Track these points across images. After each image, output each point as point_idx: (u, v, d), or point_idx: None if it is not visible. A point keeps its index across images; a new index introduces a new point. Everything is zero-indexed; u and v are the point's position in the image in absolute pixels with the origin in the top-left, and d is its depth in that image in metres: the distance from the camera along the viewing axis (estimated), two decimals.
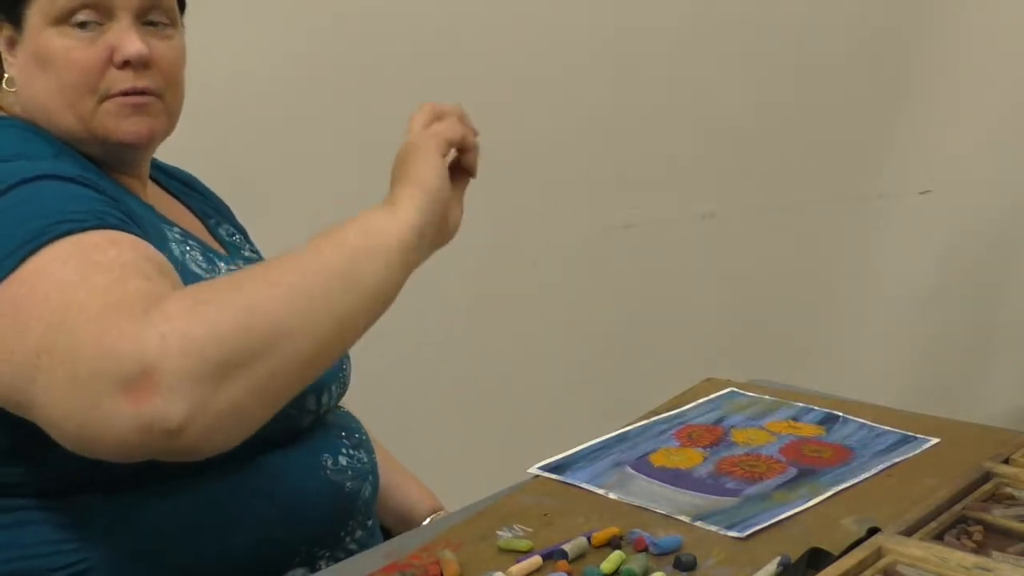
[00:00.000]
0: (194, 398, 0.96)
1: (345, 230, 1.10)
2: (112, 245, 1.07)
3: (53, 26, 1.23)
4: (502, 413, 2.50)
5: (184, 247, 1.26)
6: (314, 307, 1.03)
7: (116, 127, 1.25)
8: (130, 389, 0.95)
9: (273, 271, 1.05)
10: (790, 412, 1.49)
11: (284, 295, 1.02)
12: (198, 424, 0.97)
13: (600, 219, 2.64)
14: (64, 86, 1.23)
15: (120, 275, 1.03)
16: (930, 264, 2.97)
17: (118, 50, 1.23)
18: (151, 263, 1.08)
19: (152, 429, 0.96)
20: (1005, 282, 3.05)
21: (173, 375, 0.95)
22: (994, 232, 3.00)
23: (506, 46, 2.44)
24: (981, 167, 2.94)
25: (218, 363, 0.97)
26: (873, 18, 2.80)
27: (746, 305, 2.79)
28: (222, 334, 0.98)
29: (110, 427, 0.97)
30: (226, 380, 0.98)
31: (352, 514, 1.29)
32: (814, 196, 2.84)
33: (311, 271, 1.05)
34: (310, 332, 1.03)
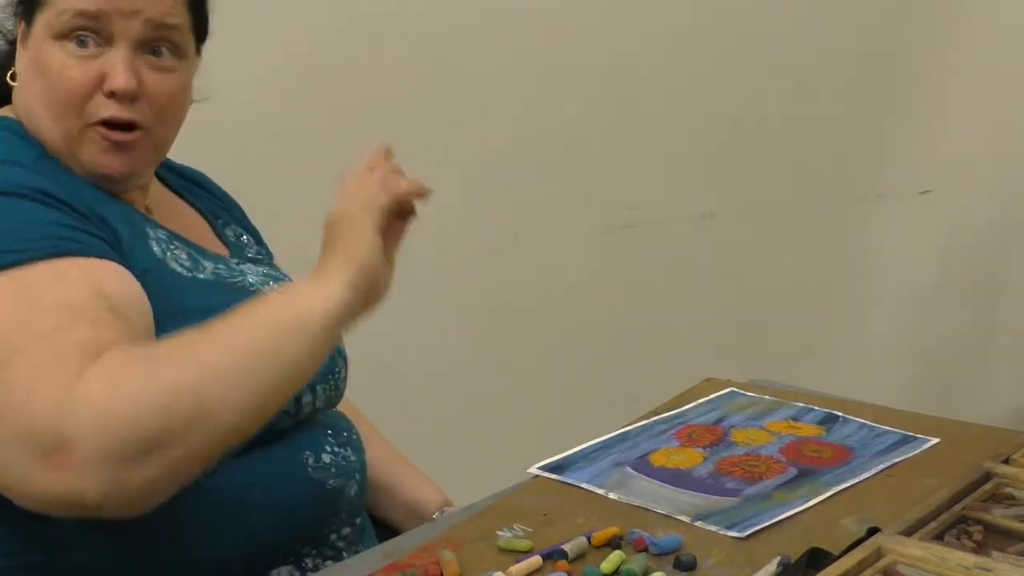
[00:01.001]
0: (108, 477, 0.99)
1: (271, 305, 1.11)
2: (59, 281, 1.08)
3: (54, 39, 1.23)
4: (502, 413, 2.50)
5: (167, 246, 1.26)
6: (234, 386, 1.04)
7: (96, 159, 1.24)
8: (47, 460, 0.98)
9: (197, 347, 1.05)
10: (790, 412, 1.49)
11: (205, 376, 1.03)
12: (112, 500, 1.00)
13: (600, 219, 2.64)
14: (52, 102, 1.23)
15: (63, 320, 1.05)
16: (930, 264, 2.97)
17: (107, 79, 1.22)
18: (101, 298, 1.09)
19: (67, 501, 1.00)
20: (1005, 282, 3.05)
21: (89, 454, 0.98)
22: (994, 232, 3.00)
23: (506, 46, 2.44)
24: (981, 167, 2.94)
25: (135, 444, 0.99)
26: (873, 18, 2.80)
27: (746, 305, 2.79)
28: (140, 417, 1.00)
29: (28, 489, 1.02)
30: (142, 460, 1.00)
31: (336, 511, 1.29)
32: (814, 196, 2.84)
33: (234, 350, 1.05)
34: (229, 411, 1.04)
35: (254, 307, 1.10)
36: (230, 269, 1.32)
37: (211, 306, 1.21)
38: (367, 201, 1.17)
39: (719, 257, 2.77)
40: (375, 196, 1.17)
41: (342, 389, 1.38)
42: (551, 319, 2.59)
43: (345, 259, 1.13)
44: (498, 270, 2.52)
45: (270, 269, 1.41)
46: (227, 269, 1.31)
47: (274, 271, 1.41)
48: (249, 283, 1.32)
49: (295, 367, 1.09)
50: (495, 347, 2.53)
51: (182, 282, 1.23)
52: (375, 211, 1.16)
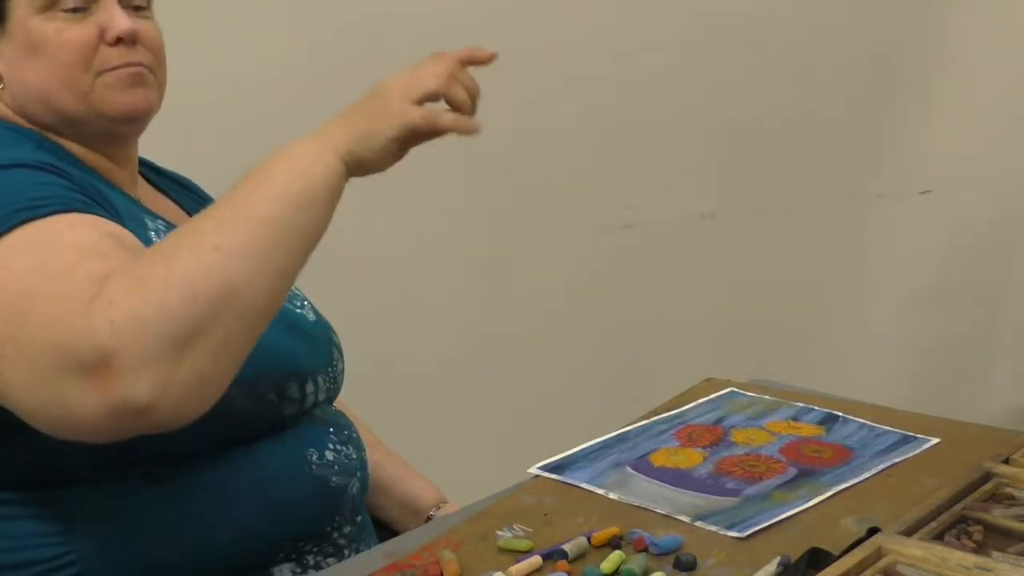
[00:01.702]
0: (156, 375, 0.99)
1: (272, 174, 1.11)
2: (69, 228, 1.09)
3: (40, 14, 1.25)
4: (503, 413, 2.50)
5: (165, 235, 1.26)
6: (254, 263, 1.05)
7: (116, 99, 1.27)
8: (93, 377, 0.99)
9: (209, 232, 1.06)
10: (790, 412, 1.49)
11: (223, 258, 1.04)
12: (167, 399, 1.00)
13: (600, 219, 2.63)
14: (59, 66, 1.25)
15: (76, 258, 1.06)
16: (930, 264, 2.96)
17: (109, 28, 1.26)
18: (110, 238, 1.10)
19: (122, 411, 0.99)
20: (1005, 282, 3.05)
21: (131, 358, 0.98)
22: (994, 232, 2.99)
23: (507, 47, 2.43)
24: (981, 167, 2.94)
25: (171, 338, 1.00)
26: (873, 18, 2.80)
27: (746, 305, 2.79)
28: (169, 309, 1.00)
29: (81, 414, 1.01)
30: (183, 352, 1.00)
31: (339, 509, 1.29)
32: (814, 196, 2.84)
33: (246, 228, 1.06)
34: (254, 288, 1.05)
35: (256, 179, 1.11)
36: None
37: None
38: (415, 81, 1.17)
39: (719, 257, 2.77)
40: (425, 80, 1.17)
41: (340, 383, 1.39)
42: (551, 319, 2.59)
43: (351, 126, 1.14)
44: (498, 270, 2.52)
45: None
46: None
47: None
48: None
49: (306, 236, 1.10)
50: (495, 347, 2.53)
51: None
52: (417, 90, 1.16)
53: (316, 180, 1.11)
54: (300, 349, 1.29)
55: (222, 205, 1.09)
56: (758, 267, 2.80)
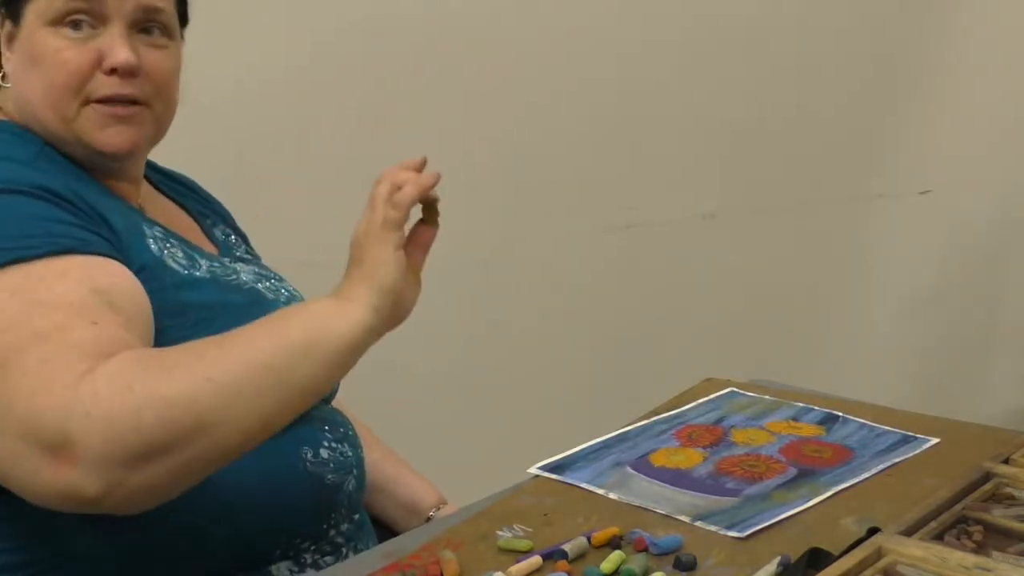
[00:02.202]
0: (109, 478, 1.01)
1: (291, 324, 1.10)
2: (60, 279, 1.09)
3: (47, 26, 1.24)
4: (502, 413, 2.50)
5: (164, 244, 1.26)
6: (241, 404, 1.05)
7: (97, 135, 1.25)
8: (50, 456, 1.01)
9: (209, 360, 1.06)
10: (790, 412, 1.49)
11: (212, 392, 1.04)
12: (112, 498, 1.03)
13: (600, 219, 2.64)
14: (49, 86, 1.24)
15: (64, 320, 1.06)
16: (930, 264, 2.97)
17: (107, 57, 1.24)
18: (100, 296, 1.10)
19: (67, 495, 1.02)
20: (1005, 282, 3.05)
21: (91, 454, 1.00)
22: (994, 232, 3.00)
23: (508, 47, 2.44)
24: (981, 167, 2.94)
25: (136, 450, 1.02)
26: (873, 18, 2.80)
27: (746, 305, 2.79)
28: (144, 425, 1.01)
29: (29, 484, 1.04)
30: (143, 465, 1.02)
31: (335, 507, 1.29)
32: (814, 196, 2.84)
33: (246, 367, 1.06)
34: (234, 427, 1.06)
35: (272, 323, 1.11)
36: (224, 267, 1.32)
37: (208, 303, 1.22)
38: (383, 217, 1.15)
39: (720, 257, 2.77)
40: (387, 212, 1.15)
41: (335, 388, 1.39)
42: (551, 319, 2.59)
43: (367, 279, 1.12)
44: (498, 270, 2.52)
45: (260, 268, 1.42)
46: (221, 267, 1.32)
47: (264, 270, 1.42)
48: (243, 281, 1.32)
49: (306, 390, 1.10)
50: (495, 347, 2.53)
51: (179, 279, 1.23)
52: (391, 226, 1.14)
53: (332, 334, 1.09)
54: None
55: (234, 337, 1.08)
56: (758, 267, 2.80)
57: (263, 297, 1.32)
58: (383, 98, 2.31)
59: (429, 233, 1.20)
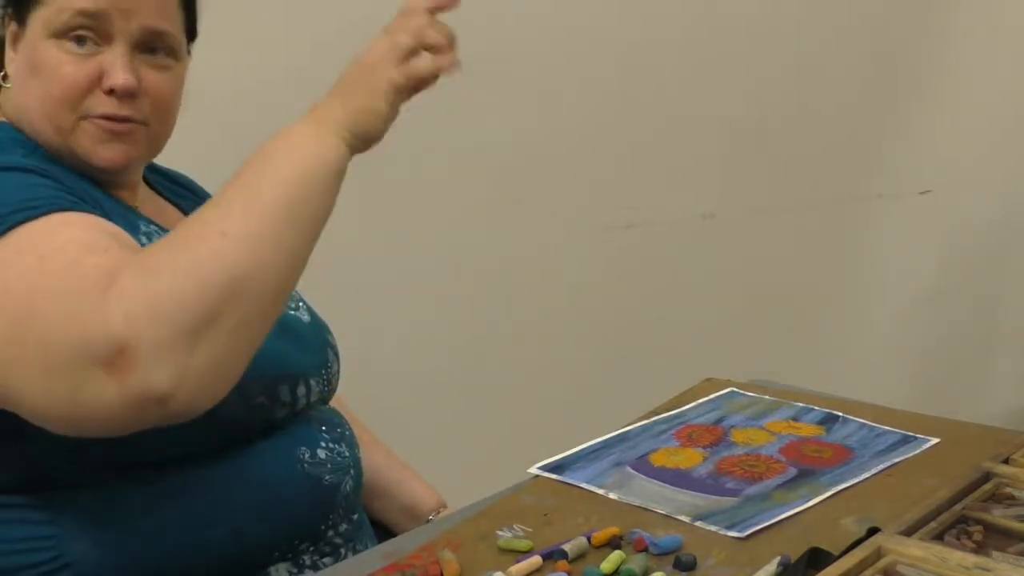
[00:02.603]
0: (174, 362, 1.00)
1: (275, 160, 1.11)
2: (65, 226, 1.10)
3: (51, 38, 1.23)
4: (502, 413, 2.50)
5: (157, 238, 1.26)
6: (263, 248, 1.06)
7: (91, 150, 1.25)
8: (110, 369, 0.99)
9: (216, 220, 1.06)
10: (790, 412, 1.49)
11: (231, 244, 1.04)
12: (184, 386, 1.01)
13: (600, 219, 2.64)
14: (47, 98, 1.24)
15: (76, 255, 1.06)
16: (930, 264, 2.97)
17: (106, 77, 1.23)
18: (106, 235, 1.11)
19: (141, 401, 1.00)
20: (1005, 282, 3.05)
21: (147, 346, 0.99)
22: (994, 232, 3.00)
23: (508, 47, 2.44)
24: (981, 167, 2.94)
25: (184, 325, 1.01)
26: (873, 18, 2.80)
27: (746, 305, 2.79)
28: (182, 299, 1.01)
29: (98, 407, 1.01)
30: (198, 339, 1.01)
31: (332, 507, 1.29)
32: (814, 196, 2.84)
33: (254, 214, 1.07)
34: (265, 273, 1.06)
35: (259, 166, 1.11)
36: None
37: None
38: (391, 43, 1.17)
39: (719, 257, 2.77)
40: (399, 39, 1.17)
41: (335, 384, 1.39)
42: (551, 319, 2.59)
43: (352, 115, 1.14)
44: (498, 269, 2.52)
45: None
46: None
47: None
48: None
49: (313, 218, 1.11)
50: (495, 347, 2.53)
51: None
52: (403, 91, 1.17)
53: (321, 162, 1.11)
54: (292, 352, 1.29)
55: (227, 193, 1.09)
56: (758, 267, 2.80)
57: None
58: None
59: None
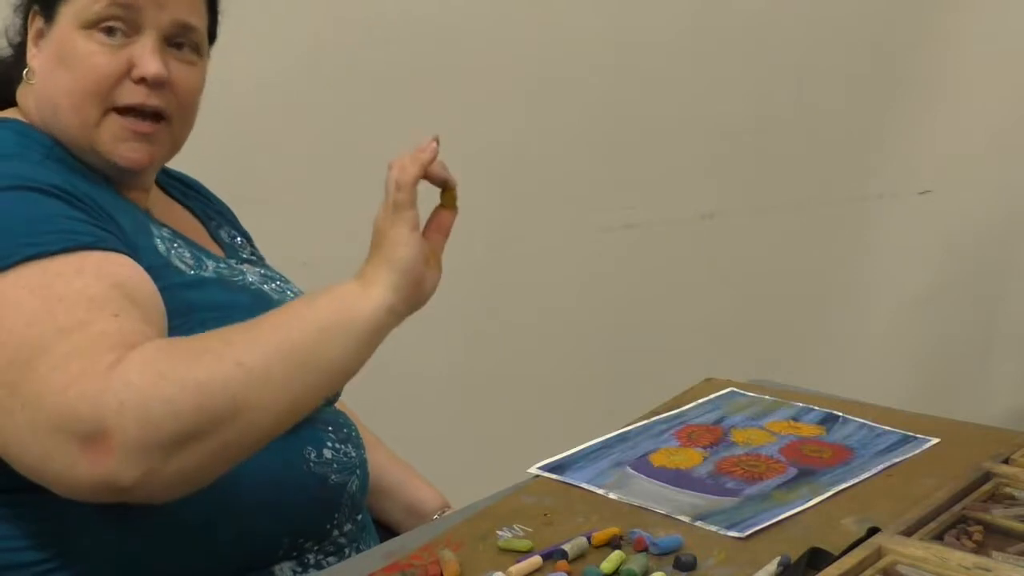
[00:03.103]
0: (146, 465, 1.03)
1: (315, 306, 1.12)
2: (78, 275, 1.10)
3: (82, 29, 1.24)
4: (503, 413, 2.50)
5: (171, 244, 1.27)
6: (272, 388, 1.07)
7: (113, 148, 1.26)
8: (86, 447, 1.02)
9: (237, 345, 1.07)
10: (790, 412, 1.49)
11: (244, 376, 1.06)
12: (148, 486, 1.04)
13: (599, 219, 2.64)
14: (76, 89, 1.24)
15: (86, 314, 1.07)
16: (930, 264, 2.97)
17: (137, 66, 1.24)
18: (119, 290, 1.11)
19: (104, 485, 1.04)
20: (1005, 282, 3.05)
21: (127, 442, 1.02)
22: (994, 232, 3.00)
23: (508, 47, 2.44)
24: (981, 167, 2.94)
25: (171, 437, 1.03)
26: (873, 18, 2.80)
27: (746, 305, 2.79)
28: (178, 411, 1.03)
29: (65, 477, 1.05)
30: (178, 451, 1.04)
31: (338, 507, 1.29)
32: (814, 196, 2.84)
33: (274, 350, 1.08)
34: (265, 411, 1.08)
35: (296, 307, 1.12)
36: (231, 268, 1.33)
37: (216, 303, 1.23)
38: (392, 200, 1.17)
39: (719, 257, 2.77)
40: (395, 195, 1.17)
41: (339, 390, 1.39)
42: (551, 319, 2.59)
43: (386, 261, 1.14)
44: (498, 270, 2.52)
45: (266, 270, 1.43)
46: (228, 268, 1.32)
47: (270, 271, 1.43)
48: (249, 282, 1.33)
49: (334, 371, 1.12)
50: (495, 347, 2.53)
51: (186, 280, 1.24)
52: (401, 207, 1.15)
53: (358, 314, 1.11)
54: None
55: (260, 322, 1.10)
56: (758, 267, 2.80)
57: (269, 298, 1.32)
58: (383, 99, 2.31)
59: (448, 216, 1.24)
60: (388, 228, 1.15)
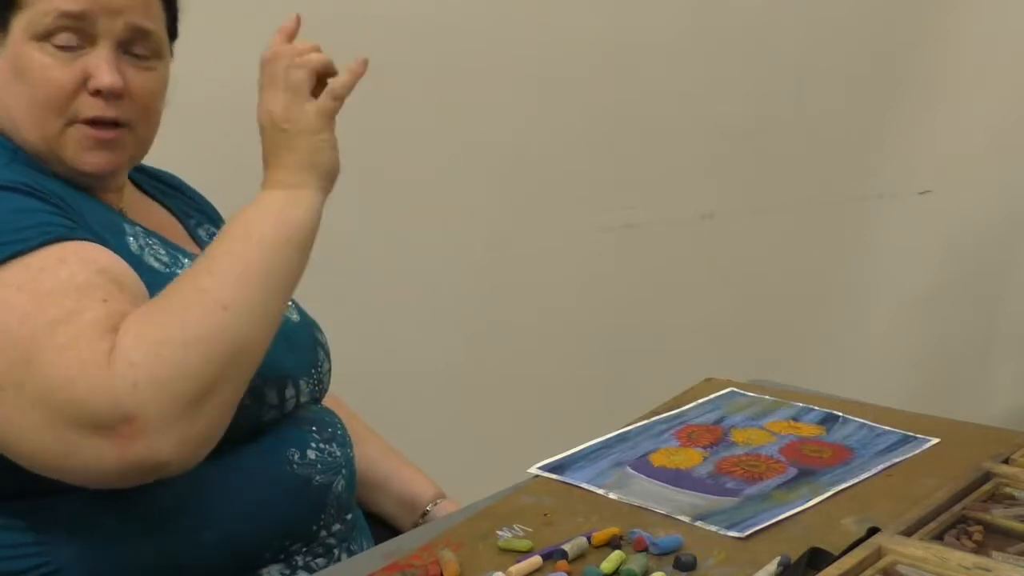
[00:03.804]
0: (177, 434, 1.06)
1: (260, 226, 1.16)
2: (61, 265, 1.11)
3: (34, 41, 1.23)
4: (503, 413, 2.50)
5: (144, 241, 1.27)
6: (255, 317, 1.12)
7: (78, 156, 1.25)
8: (112, 436, 1.04)
9: (212, 290, 1.10)
10: (790, 412, 1.49)
11: (233, 318, 1.10)
12: (184, 454, 1.07)
13: (599, 219, 2.63)
14: (34, 103, 1.23)
15: (76, 303, 1.08)
16: (930, 264, 2.97)
17: (93, 78, 1.23)
18: (104, 275, 1.12)
19: (140, 467, 1.06)
20: (1005, 282, 3.05)
21: (154, 419, 1.04)
22: (994, 232, 3.00)
23: (507, 47, 2.44)
24: (981, 167, 2.94)
25: (190, 399, 1.06)
26: (873, 18, 2.80)
27: (746, 305, 2.79)
28: (188, 373, 1.06)
29: (92, 467, 1.06)
30: (200, 409, 1.07)
31: (323, 508, 1.29)
32: (814, 196, 2.84)
33: (244, 282, 1.12)
34: (257, 340, 1.13)
35: (238, 232, 1.16)
36: None
37: None
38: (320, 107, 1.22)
39: (719, 257, 2.77)
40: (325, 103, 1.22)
41: (326, 384, 1.39)
42: (551, 319, 2.59)
43: (312, 167, 1.20)
44: (497, 269, 2.52)
45: None
46: None
47: None
48: None
49: (293, 278, 1.18)
50: (495, 347, 2.53)
51: (159, 277, 1.22)
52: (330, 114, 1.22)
53: (301, 220, 1.18)
54: (279, 354, 1.26)
55: (217, 260, 1.14)
56: (758, 267, 2.80)
57: None
58: (380, 97, 2.30)
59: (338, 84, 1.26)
60: (305, 132, 1.20)
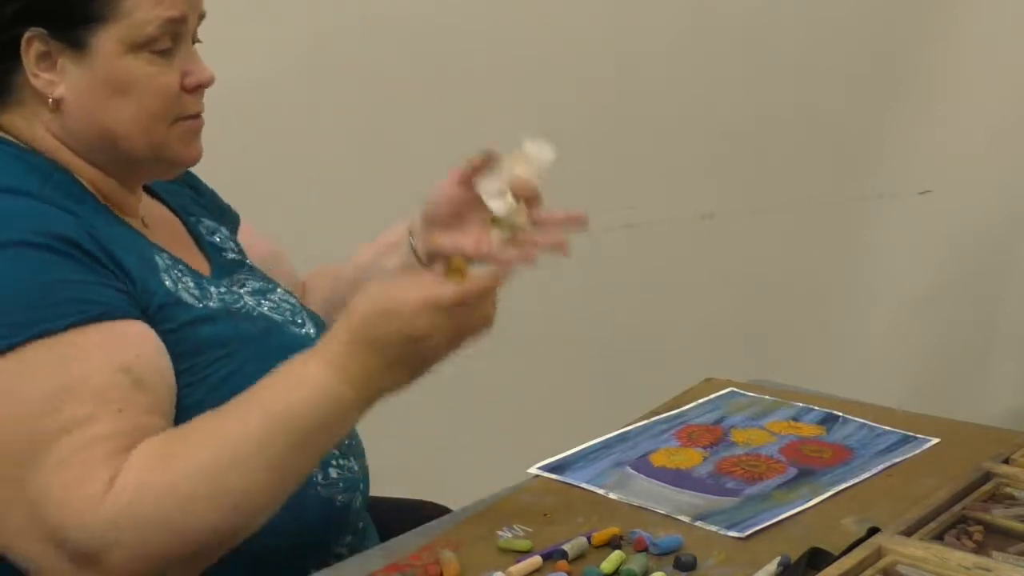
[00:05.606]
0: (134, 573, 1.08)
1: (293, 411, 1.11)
2: (85, 359, 1.09)
3: (132, 52, 1.20)
4: (502, 413, 2.50)
5: (175, 275, 1.24)
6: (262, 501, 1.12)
7: (184, 152, 1.27)
8: (79, 565, 1.06)
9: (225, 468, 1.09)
10: (790, 412, 1.49)
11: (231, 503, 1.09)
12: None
13: (599, 219, 2.63)
14: (144, 113, 1.22)
15: (92, 409, 1.08)
16: (930, 264, 2.96)
17: (192, 75, 1.24)
18: (127, 375, 1.10)
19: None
20: (1005, 282, 3.05)
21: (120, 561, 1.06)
22: (994, 232, 2.99)
23: (507, 46, 2.44)
24: (981, 167, 2.93)
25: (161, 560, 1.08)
26: (873, 18, 2.80)
27: (746, 305, 2.79)
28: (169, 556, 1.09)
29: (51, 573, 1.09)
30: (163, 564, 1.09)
31: (344, 526, 1.29)
32: (814, 196, 2.84)
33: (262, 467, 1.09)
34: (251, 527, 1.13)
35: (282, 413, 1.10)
36: (231, 294, 1.30)
37: (223, 338, 1.22)
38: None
39: (719, 257, 2.76)
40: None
41: None
42: (551, 319, 2.59)
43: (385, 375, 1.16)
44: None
45: (254, 279, 1.39)
46: (228, 293, 1.30)
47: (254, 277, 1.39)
48: (250, 307, 1.30)
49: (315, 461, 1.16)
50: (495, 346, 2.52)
51: (194, 315, 1.22)
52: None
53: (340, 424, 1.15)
54: None
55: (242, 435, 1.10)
56: (758, 267, 2.80)
57: (273, 322, 1.31)
58: (382, 99, 2.31)
59: None
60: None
